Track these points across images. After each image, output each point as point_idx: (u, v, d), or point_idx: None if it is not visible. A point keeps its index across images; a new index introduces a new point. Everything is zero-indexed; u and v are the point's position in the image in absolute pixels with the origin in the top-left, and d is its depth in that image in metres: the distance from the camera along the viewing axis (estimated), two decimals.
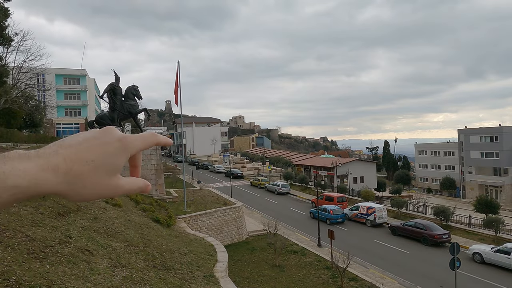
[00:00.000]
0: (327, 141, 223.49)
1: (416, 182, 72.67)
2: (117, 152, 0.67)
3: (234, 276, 17.19)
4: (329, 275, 18.20)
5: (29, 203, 9.79)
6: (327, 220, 30.01)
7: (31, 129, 32.49)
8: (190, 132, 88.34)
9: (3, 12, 17.67)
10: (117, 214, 13.41)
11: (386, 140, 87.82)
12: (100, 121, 24.23)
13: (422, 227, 25.59)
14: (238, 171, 58.76)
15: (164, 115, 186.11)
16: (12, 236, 7.09)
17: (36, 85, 41.97)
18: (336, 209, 31.39)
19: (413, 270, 20.27)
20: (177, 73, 22.36)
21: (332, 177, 54.13)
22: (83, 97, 60.14)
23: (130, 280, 7.79)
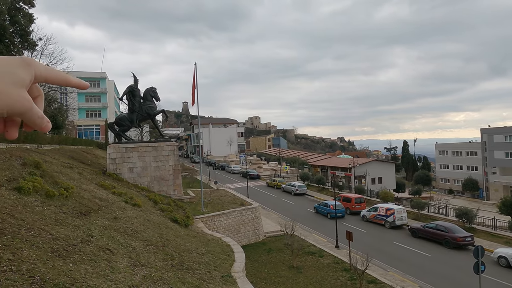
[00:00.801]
0: (344, 141, 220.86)
1: (436, 183, 70.83)
2: (20, 65, 0.68)
3: (251, 276, 17.19)
4: (347, 277, 17.95)
5: (53, 202, 10.08)
6: (327, 215, 32.29)
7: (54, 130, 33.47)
8: (206, 133, 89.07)
9: (28, 18, 18.29)
10: (136, 214, 13.64)
11: (405, 140, 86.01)
12: (120, 122, 24.76)
13: (443, 229, 24.90)
14: (254, 172, 58.81)
15: (181, 116, 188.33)
16: (37, 234, 7.31)
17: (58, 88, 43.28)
18: (336, 204, 31.54)
19: (434, 273, 19.74)
20: (194, 74, 22.57)
21: (349, 177, 53.42)
22: (103, 99, 61.58)
23: (149, 279, 7.89)
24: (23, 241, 6.70)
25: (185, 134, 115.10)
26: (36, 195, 9.91)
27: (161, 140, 24.93)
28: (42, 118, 0.73)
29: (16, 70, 0.68)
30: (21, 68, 0.69)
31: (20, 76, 0.68)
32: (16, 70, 0.68)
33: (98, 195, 13.84)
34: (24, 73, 0.69)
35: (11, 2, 17.06)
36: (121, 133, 24.56)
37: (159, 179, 23.28)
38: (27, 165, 12.36)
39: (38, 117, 0.72)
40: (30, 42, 19.00)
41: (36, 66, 0.71)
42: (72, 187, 12.04)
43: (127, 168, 22.63)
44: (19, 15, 17.77)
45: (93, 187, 15.08)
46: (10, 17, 17.06)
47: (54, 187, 11.16)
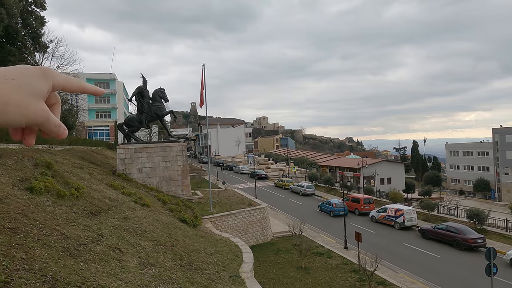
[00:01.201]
0: (352, 142, 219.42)
1: (447, 183, 69.92)
2: (38, 75, 0.69)
3: (260, 277, 17.19)
4: (356, 278, 17.82)
5: (64, 202, 10.22)
6: (330, 213, 33.48)
7: None
8: (214, 134, 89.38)
9: (39, 20, 18.59)
10: (145, 214, 13.75)
11: (414, 140, 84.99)
12: (129, 123, 25.00)
13: (454, 230, 24.55)
14: (262, 172, 58.80)
15: (190, 117, 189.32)
16: (48, 234, 7.42)
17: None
18: (338, 203, 33.65)
19: (445, 275, 19.48)
20: (202, 75, 22.67)
21: (358, 178, 53.04)
22: (113, 100, 62.25)
23: (158, 278, 7.95)
24: (35, 240, 6.81)
25: (193, 135, 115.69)
26: (47, 195, 10.07)
27: (170, 141, 25.09)
28: (59, 126, 0.74)
29: (35, 81, 0.68)
30: (39, 79, 0.69)
31: (38, 88, 0.68)
32: (35, 81, 0.68)
33: (108, 195, 13.99)
34: (42, 84, 0.69)
35: (23, 6, 17.37)
36: (130, 133, 24.79)
37: (168, 179, 23.44)
38: (39, 166, 12.56)
39: (54, 126, 0.73)
40: (42, 45, 19.30)
41: (54, 76, 0.72)
42: (83, 187, 12.20)
43: (136, 169, 22.84)
44: (31, 18, 18.08)
45: (103, 187, 15.25)
46: (23, 20, 17.37)
47: (65, 187, 11.32)
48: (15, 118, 0.65)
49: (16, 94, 0.65)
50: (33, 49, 18.92)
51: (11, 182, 9.82)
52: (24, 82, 0.66)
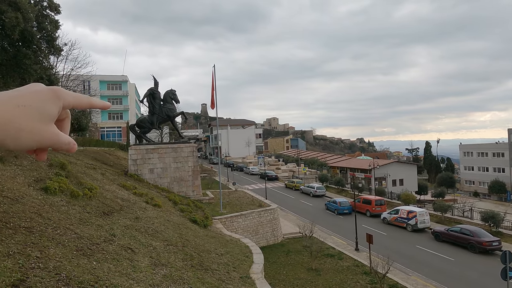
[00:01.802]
0: (363, 142, 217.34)
1: (461, 185, 68.60)
2: (50, 99, 0.69)
3: (270, 278, 17.16)
4: (367, 280, 17.63)
5: (77, 202, 10.40)
6: (335, 211, 34.90)
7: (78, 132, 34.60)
8: (225, 134, 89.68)
9: (54, 24, 18.99)
10: (156, 214, 13.88)
11: (427, 141, 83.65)
12: (141, 124, 25.30)
13: (468, 233, 24.07)
14: (272, 173, 58.72)
15: (200, 118, 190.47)
16: (62, 233, 7.56)
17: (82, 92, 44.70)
18: (343, 201, 35.61)
19: (459, 278, 19.11)
20: (213, 76, 22.79)
21: (369, 179, 52.49)
22: (125, 102, 63.10)
23: (169, 278, 8.02)
24: (50, 239, 6.95)
25: (204, 136, 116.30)
26: (61, 195, 10.26)
27: (181, 142, 25.28)
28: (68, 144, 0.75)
29: (46, 105, 0.69)
30: (51, 103, 0.70)
31: (49, 112, 0.69)
32: (46, 106, 0.69)
33: (120, 195, 14.18)
34: (53, 107, 0.70)
35: (39, 10, 17.77)
36: (142, 134, 25.08)
37: (179, 180, 23.62)
38: (53, 166, 12.81)
39: (64, 144, 0.74)
40: (56, 48, 19.69)
41: (65, 98, 0.72)
42: (96, 187, 12.39)
43: (148, 169, 23.08)
44: (45, 21, 18.48)
45: (115, 188, 15.46)
46: (38, 24, 17.76)
47: (78, 188, 11.52)
48: (27, 143, 0.67)
49: (28, 120, 0.66)
50: (48, 52, 19.32)
51: (26, 182, 10.05)
52: (36, 108, 0.67)
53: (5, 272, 5.13)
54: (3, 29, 14.98)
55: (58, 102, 0.71)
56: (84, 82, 44.15)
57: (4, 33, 15.01)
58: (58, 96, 0.71)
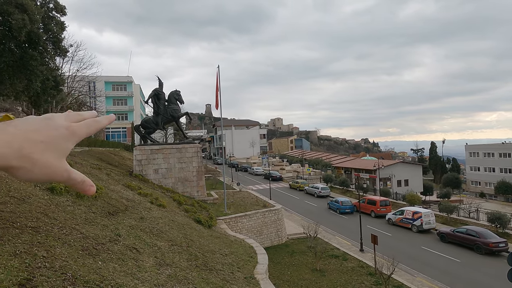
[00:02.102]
0: (368, 143, 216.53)
1: (467, 186, 68.08)
2: (66, 137, 0.71)
3: (274, 279, 17.15)
4: (372, 281, 17.55)
5: (83, 202, 10.48)
6: (337, 210, 35.43)
7: None
8: (229, 135, 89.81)
9: (60, 25, 19.14)
10: (161, 215, 13.94)
11: (432, 141, 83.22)
12: (145, 125, 25.43)
13: (475, 234, 23.88)
14: (277, 174, 58.69)
15: (204, 119, 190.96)
16: (68, 233, 7.62)
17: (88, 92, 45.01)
18: (345, 200, 36.43)
19: (465, 280, 18.96)
20: (217, 77, 22.83)
21: (374, 180, 52.28)
22: (130, 102, 63.45)
23: (174, 278, 8.05)
24: (56, 239, 7.01)
25: (208, 136, 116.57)
26: (67, 195, 10.35)
27: (185, 142, 25.37)
28: (83, 183, 0.77)
29: (63, 142, 0.71)
30: (67, 140, 0.72)
31: (64, 149, 0.71)
32: (62, 143, 0.70)
33: (125, 195, 14.26)
34: (68, 144, 0.72)
35: (45, 11, 17.93)
36: (146, 135, 25.20)
37: (183, 180, 23.70)
38: None
39: (77, 183, 0.75)
40: (62, 49, 19.85)
41: (79, 134, 0.74)
42: (101, 187, 12.47)
43: (152, 170, 23.18)
44: (52, 23, 18.64)
45: (120, 188, 15.55)
46: (44, 26, 17.93)
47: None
48: (39, 177, 0.68)
49: (43, 156, 0.67)
50: (54, 53, 19.48)
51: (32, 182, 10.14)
52: (52, 144, 0.69)
53: (12, 271, 5.18)
54: (10, 31, 15.13)
55: (73, 139, 0.73)
56: (90, 83, 44.49)
57: (11, 34, 15.16)
58: (74, 134, 0.73)
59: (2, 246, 5.79)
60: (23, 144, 0.65)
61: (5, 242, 5.96)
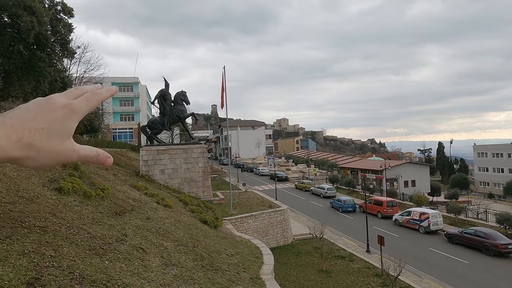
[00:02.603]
0: (375, 143, 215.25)
1: (475, 186, 67.29)
2: (65, 117, 0.69)
3: (280, 279, 17.12)
4: (379, 283, 17.43)
5: (90, 202, 10.57)
6: (339, 209, 36.04)
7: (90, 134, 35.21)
8: (235, 135, 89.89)
9: (67, 27, 19.35)
10: (167, 215, 14.00)
11: (440, 142, 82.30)
12: (152, 125, 25.57)
13: (483, 235, 23.59)
14: (282, 174, 58.59)
15: (210, 119, 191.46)
16: (76, 233, 7.70)
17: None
18: (347, 199, 37.15)
19: (473, 282, 18.74)
20: (223, 77, 22.88)
21: (380, 180, 51.92)
22: (136, 103, 63.85)
23: (180, 278, 8.08)
24: (64, 238, 7.08)
25: (214, 137, 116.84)
26: (75, 195, 10.45)
27: (191, 143, 25.45)
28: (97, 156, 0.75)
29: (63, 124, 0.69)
30: (67, 120, 0.69)
31: (66, 130, 0.69)
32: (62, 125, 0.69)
33: (131, 196, 14.35)
34: (69, 124, 0.70)
35: (53, 13, 18.14)
36: (153, 135, 25.33)
37: (189, 181, 23.77)
38: (66, 167, 13.04)
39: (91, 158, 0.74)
40: (70, 51, 20.06)
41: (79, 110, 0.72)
42: (108, 188, 12.57)
43: (159, 170, 23.30)
44: (59, 25, 18.85)
45: (127, 188, 15.66)
46: (52, 27, 18.13)
47: (91, 188, 11.70)
48: (47, 163, 0.68)
49: (46, 142, 0.66)
50: (62, 55, 19.69)
51: (41, 182, 10.25)
52: (53, 129, 0.67)
53: (20, 271, 5.25)
54: (18, 33, 15.34)
55: (74, 117, 0.71)
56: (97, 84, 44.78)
57: (20, 37, 15.37)
58: (73, 111, 0.71)
59: (11, 246, 5.86)
60: (23, 134, 0.64)
61: (14, 242, 6.04)
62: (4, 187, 8.41)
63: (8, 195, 8.03)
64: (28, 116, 0.66)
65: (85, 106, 0.73)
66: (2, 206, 7.26)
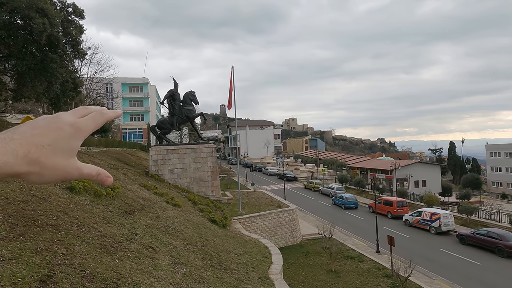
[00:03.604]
0: (384, 143, 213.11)
1: (487, 186, 66.12)
2: (72, 135, 0.70)
3: (289, 279, 17.09)
4: (389, 283, 17.26)
5: (101, 201, 10.70)
6: (342, 206, 37.30)
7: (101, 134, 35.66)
8: (243, 135, 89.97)
9: (79, 29, 19.62)
10: (176, 214, 14.10)
11: (451, 141, 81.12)
12: (161, 125, 25.77)
13: (496, 236, 23.17)
14: (291, 174, 58.45)
15: (219, 119, 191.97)
16: (87, 231, 7.80)
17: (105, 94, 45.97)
18: (350, 197, 38.12)
19: (486, 283, 18.42)
20: (231, 77, 22.93)
21: (390, 180, 51.39)
22: (146, 103, 64.41)
23: (189, 277, 8.13)
24: (75, 237, 7.19)
25: (223, 136, 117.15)
26: (86, 194, 10.59)
27: (200, 142, 25.56)
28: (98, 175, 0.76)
29: (69, 142, 0.70)
30: (73, 139, 0.70)
31: (71, 148, 0.70)
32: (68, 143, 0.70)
33: (141, 195, 14.49)
34: (75, 142, 0.71)
35: (64, 15, 18.41)
36: (162, 135, 25.52)
37: (198, 180, 23.89)
38: None
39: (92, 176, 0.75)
40: (81, 52, 20.33)
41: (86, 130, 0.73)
42: (118, 187, 12.71)
43: (168, 170, 23.47)
44: (71, 26, 19.12)
45: (136, 187, 15.81)
46: (63, 29, 18.41)
47: (101, 187, 11.84)
48: (50, 179, 0.69)
49: (51, 159, 0.67)
50: (73, 56, 19.96)
51: None
52: (59, 146, 0.68)
53: (33, 268, 5.34)
54: (31, 35, 15.60)
55: (80, 136, 0.72)
56: (107, 85, 45.40)
57: (32, 38, 15.63)
58: (80, 130, 0.72)
59: (24, 243, 5.97)
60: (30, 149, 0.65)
61: (27, 240, 6.15)
62: (18, 186, 8.57)
63: (21, 194, 8.19)
64: (36, 132, 0.67)
65: (91, 125, 0.74)
66: (15, 205, 7.40)
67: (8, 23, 14.97)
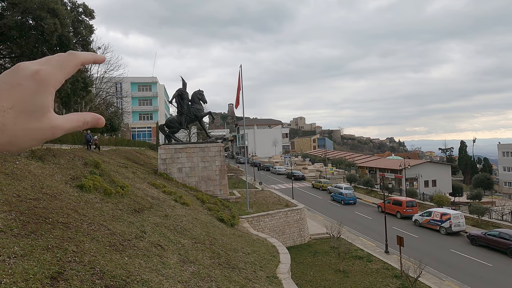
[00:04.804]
0: (393, 142, 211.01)
1: (499, 187, 64.96)
2: (36, 90, 0.58)
3: (297, 278, 17.05)
4: (398, 284, 17.10)
5: (110, 199, 10.80)
6: (341, 201, 38.21)
7: (110, 132, 36.07)
8: (251, 134, 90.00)
9: (88, 29, 19.86)
10: (185, 212, 14.17)
11: (462, 140, 79.94)
12: (170, 124, 25.92)
13: (508, 237, 22.76)
14: (299, 173, 58.27)
15: (227, 118, 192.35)
16: (96, 229, 7.89)
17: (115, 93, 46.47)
18: (349, 192, 39.12)
19: (498, 285, 18.11)
20: (239, 76, 22.93)
21: (400, 180, 50.85)
22: (154, 102, 64.85)
23: (197, 276, 8.15)
24: (85, 234, 7.27)
25: (231, 135, 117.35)
26: (95, 193, 10.71)
27: (208, 141, 25.65)
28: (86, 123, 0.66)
29: (34, 99, 0.58)
30: (37, 95, 0.59)
31: (40, 105, 0.59)
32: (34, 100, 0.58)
33: (150, 193, 14.59)
34: (43, 98, 0.59)
35: (74, 16, 18.65)
36: (170, 134, 25.68)
37: (206, 179, 23.98)
38: (88, 165, 13.39)
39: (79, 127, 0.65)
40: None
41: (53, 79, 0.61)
42: (127, 185, 12.82)
43: (176, 168, 23.60)
44: (81, 26, 19.36)
45: (145, 186, 15.93)
46: (74, 29, 18.65)
47: (111, 186, 11.96)
48: (28, 144, 0.60)
49: (19, 123, 0.57)
50: None
51: (64, 180, 10.57)
52: (23, 107, 0.58)
53: (44, 265, 5.42)
54: (42, 35, 15.84)
55: (46, 89, 0.60)
56: (116, 84, 45.89)
57: (43, 38, 15.87)
58: (44, 82, 0.60)
59: (36, 241, 6.06)
60: None
61: (38, 237, 6.24)
62: (29, 184, 8.70)
63: (32, 192, 8.31)
64: None
65: (58, 72, 0.62)
66: (27, 203, 7.52)
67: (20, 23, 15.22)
